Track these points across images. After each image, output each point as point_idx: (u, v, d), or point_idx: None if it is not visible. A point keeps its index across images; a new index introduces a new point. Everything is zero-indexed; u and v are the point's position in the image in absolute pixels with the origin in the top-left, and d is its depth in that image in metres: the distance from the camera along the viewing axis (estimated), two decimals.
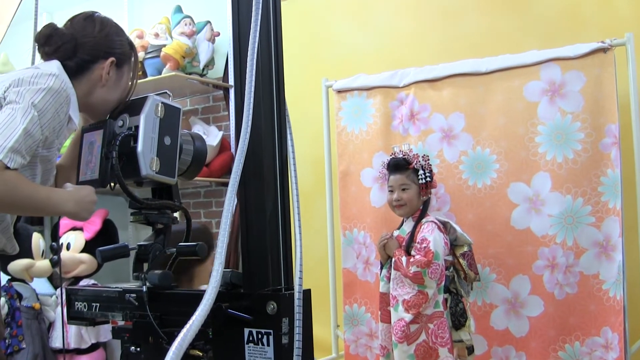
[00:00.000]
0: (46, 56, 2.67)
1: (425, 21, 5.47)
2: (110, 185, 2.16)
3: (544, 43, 4.70)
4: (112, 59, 2.66)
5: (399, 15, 5.61)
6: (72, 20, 2.72)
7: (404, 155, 4.40)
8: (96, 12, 2.77)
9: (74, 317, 2.45)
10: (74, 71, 2.62)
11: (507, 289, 4.59)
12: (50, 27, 2.67)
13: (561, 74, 4.47)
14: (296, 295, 1.81)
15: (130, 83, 2.79)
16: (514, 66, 4.64)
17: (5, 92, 2.40)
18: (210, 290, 1.42)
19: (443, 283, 4.14)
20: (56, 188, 2.61)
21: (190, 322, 1.29)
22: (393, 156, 4.47)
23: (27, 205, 2.42)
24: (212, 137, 5.84)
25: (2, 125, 2.29)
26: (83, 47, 2.63)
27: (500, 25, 5.14)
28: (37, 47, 2.72)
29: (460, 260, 4.25)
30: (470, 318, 4.25)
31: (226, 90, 6.11)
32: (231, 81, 5.95)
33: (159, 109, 2.21)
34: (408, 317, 4.10)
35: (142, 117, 2.18)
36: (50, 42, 2.64)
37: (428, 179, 4.30)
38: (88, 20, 2.71)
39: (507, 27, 5.11)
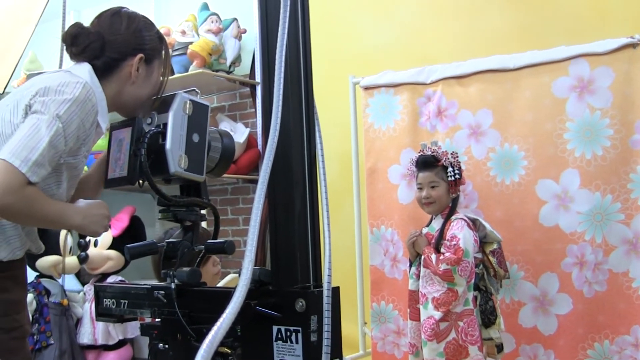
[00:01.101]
0: (74, 57, 2.68)
1: (452, 17, 5.45)
2: (138, 182, 2.16)
3: (572, 39, 4.66)
4: (140, 55, 2.65)
5: (426, 11, 5.60)
6: (99, 17, 2.71)
7: (432, 153, 4.38)
8: (124, 8, 2.75)
9: (102, 313, 2.46)
10: (103, 70, 2.63)
11: (535, 287, 4.56)
12: (77, 27, 2.67)
13: (590, 69, 4.43)
14: (325, 292, 1.81)
15: (161, 78, 2.79)
16: (542, 62, 4.60)
17: (31, 99, 2.43)
18: (241, 288, 1.41)
19: (473, 280, 4.13)
20: (69, 203, 2.62)
21: (221, 320, 1.29)
22: (421, 153, 4.45)
23: (41, 219, 2.49)
24: (239, 134, 5.85)
25: (27, 137, 2.31)
26: (111, 45, 2.63)
27: (528, 21, 5.11)
28: (65, 47, 2.72)
29: (490, 257, 4.23)
30: (500, 316, 4.23)
31: (253, 87, 6.12)
32: (258, 78, 5.96)
33: (187, 106, 2.21)
34: (438, 314, 4.08)
35: (171, 114, 2.18)
36: (77, 42, 2.64)
37: (457, 176, 4.29)
38: (115, 17, 2.69)
39: (535, 23, 5.08)
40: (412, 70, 5.14)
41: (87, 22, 2.73)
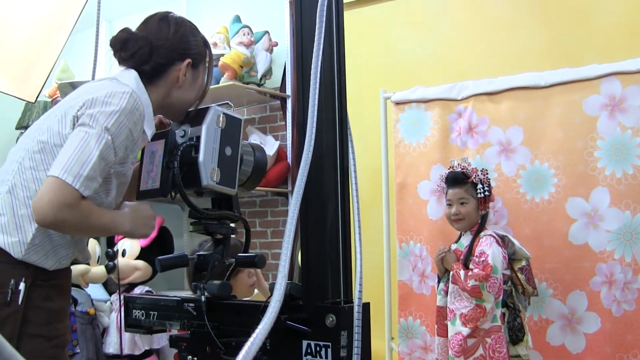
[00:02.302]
0: (122, 61, 2.71)
1: (484, 34, 5.44)
2: (171, 194, 2.17)
3: (604, 57, 4.64)
4: (188, 60, 2.70)
5: (458, 28, 5.59)
6: (147, 22, 2.76)
7: (462, 169, 4.38)
8: (171, 13, 2.80)
9: (131, 324, 2.46)
10: (150, 75, 2.67)
11: (563, 305, 4.54)
12: (127, 32, 2.71)
13: (621, 88, 4.41)
14: (355, 308, 1.80)
15: (205, 82, 2.81)
16: (574, 80, 4.59)
17: (78, 110, 2.47)
18: (274, 303, 1.41)
19: (501, 297, 4.12)
20: (118, 210, 2.65)
21: (254, 335, 1.28)
22: (451, 170, 4.46)
23: (94, 230, 2.59)
24: (268, 146, 5.86)
25: (77, 151, 2.36)
26: (159, 50, 2.67)
27: (559, 39, 5.10)
28: (113, 52, 2.73)
29: (518, 274, 4.23)
30: (527, 333, 4.22)
31: (283, 100, 6.13)
32: (288, 91, 5.98)
33: (221, 119, 2.22)
34: (465, 331, 4.08)
35: (204, 127, 2.18)
36: (126, 47, 2.68)
37: (487, 193, 4.29)
38: (163, 22, 2.74)
39: (567, 41, 5.06)
40: (444, 86, 5.14)
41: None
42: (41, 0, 4.66)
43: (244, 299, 3.35)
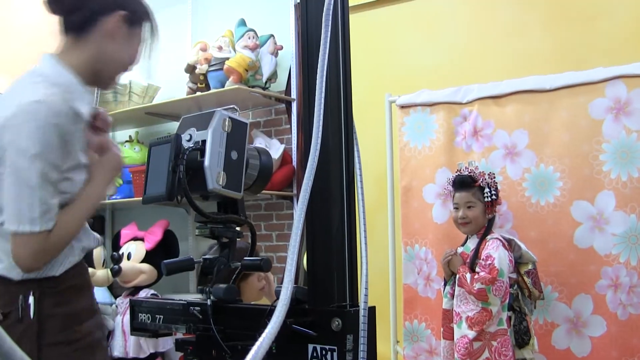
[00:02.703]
0: (50, 11, 2.59)
1: (489, 37, 5.45)
2: (177, 199, 2.17)
3: (609, 60, 4.65)
4: (123, 12, 2.58)
5: (463, 31, 5.60)
6: None
7: (469, 173, 4.39)
8: None
9: (137, 328, 2.46)
10: (80, 26, 2.56)
11: (569, 308, 4.54)
12: None
13: (627, 91, 4.42)
14: (361, 312, 1.81)
15: (139, 50, 2.72)
16: (579, 83, 4.59)
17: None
18: (280, 307, 1.42)
19: (507, 300, 4.13)
20: (85, 189, 2.59)
21: (261, 340, 1.29)
22: (459, 173, 4.47)
23: (81, 224, 2.59)
24: (273, 150, 5.88)
25: (19, 195, 2.36)
26: None
27: (565, 42, 5.10)
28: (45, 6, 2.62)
29: (525, 278, 4.23)
30: (533, 337, 4.22)
31: (288, 103, 6.15)
32: (294, 94, 5.99)
33: (227, 123, 2.22)
34: (471, 334, 4.08)
35: (210, 131, 2.18)
36: None
37: (494, 197, 4.30)
38: None
39: (572, 44, 5.06)
40: (449, 89, 5.14)
41: None
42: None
43: (253, 302, 3.35)
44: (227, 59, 5.95)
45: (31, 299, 2.51)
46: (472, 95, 5.01)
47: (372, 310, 1.86)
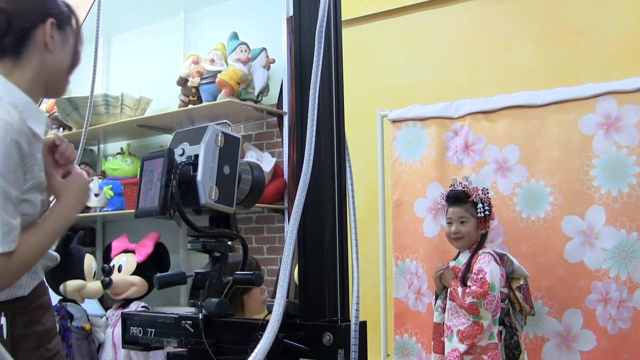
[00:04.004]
0: None
1: (480, 53, 5.46)
2: (169, 213, 2.17)
3: (600, 76, 4.68)
4: (51, 20, 2.57)
5: (455, 47, 5.61)
6: None
7: (463, 188, 4.41)
8: None
9: (129, 341, 2.46)
10: (16, 48, 2.55)
11: (559, 323, 4.55)
12: None
13: (617, 107, 4.44)
14: (352, 327, 1.81)
15: (76, 47, 2.72)
16: (570, 99, 4.61)
17: None
18: (273, 322, 1.42)
19: (498, 315, 4.14)
20: (52, 213, 2.59)
21: (253, 355, 1.30)
22: (452, 188, 4.48)
23: (45, 248, 2.55)
24: (265, 163, 5.88)
25: None
26: (16, 15, 2.52)
27: (555, 58, 5.12)
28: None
29: (517, 293, 4.25)
30: (524, 352, 4.23)
31: (280, 116, 6.17)
32: (285, 108, 6.00)
33: (219, 138, 2.22)
34: (462, 347, 4.10)
35: (202, 146, 2.19)
36: None
37: (487, 212, 4.32)
38: None
39: (562, 60, 5.08)
40: (440, 104, 5.16)
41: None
42: None
43: (256, 315, 3.35)
44: (219, 72, 5.96)
45: (3, 320, 2.51)
46: (464, 110, 5.03)
47: (363, 325, 1.86)
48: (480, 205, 4.32)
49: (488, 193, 4.42)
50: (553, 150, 4.62)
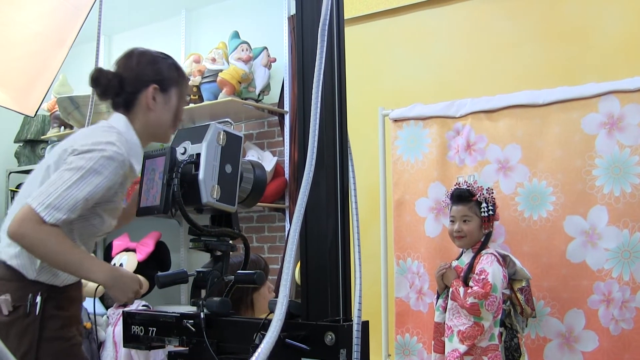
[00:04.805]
0: (101, 96, 3.16)
1: (482, 52, 5.45)
2: (171, 211, 2.17)
3: (602, 75, 4.66)
4: (154, 85, 3.13)
5: (456, 46, 5.60)
6: (117, 60, 3.22)
7: (468, 187, 4.40)
8: (136, 48, 3.21)
9: (130, 340, 2.46)
10: (126, 105, 3.13)
11: (561, 323, 4.53)
12: (97, 71, 3.18)
13: (620, 106, 4.42)
14: (355, 327, 1.80)
15: (180, 106, 3.25)
16: (572, 98, 4.59)
17: (67, 157, 2.92)
18: (276, 322, 1.42)
19: (499, 316, 4.13)
20: (97, 259, 3.22)
21: (256, 355, 1.29)
22: (457, 186, 4.47)
23: (57, 261, 2.93)
24: (266, 162, 5.87)
25: (49, 184, 2.82)
26: (126, 81, 3.14)
27: (558, 57, 5.11)
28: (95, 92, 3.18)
29: (518, 294, 4.23)
30: (524, 354, 4.22)
31: (281, 115, 6.15)
32: (286, 107, 5.99)
33: (221, 137, 2.22)
34: (462, 348, 4.08)
35: (204, 145, 2.18)
36: (99, 83, 3.15)
37: (490, 212, 4.30)
38: (127, 57, 3.20)
39: (565, 59, 5.07)
40: (442, 103, 5.14)
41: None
42: (42, 16, 4.68)
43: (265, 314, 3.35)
44: (221, 71, 5.95)
45: (39, 299, 3.00)
46: (465, 110, 5.01)
47: (365, 325, 1.86)
48: (484, 204, 4.31)
49: (492, 193, 4.41)
50: (555, 150, 4.60)
